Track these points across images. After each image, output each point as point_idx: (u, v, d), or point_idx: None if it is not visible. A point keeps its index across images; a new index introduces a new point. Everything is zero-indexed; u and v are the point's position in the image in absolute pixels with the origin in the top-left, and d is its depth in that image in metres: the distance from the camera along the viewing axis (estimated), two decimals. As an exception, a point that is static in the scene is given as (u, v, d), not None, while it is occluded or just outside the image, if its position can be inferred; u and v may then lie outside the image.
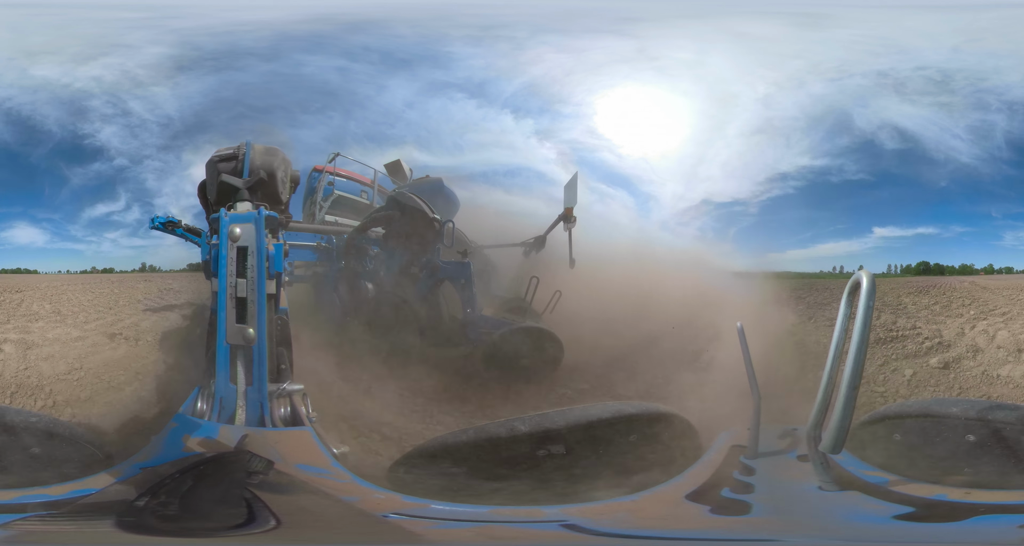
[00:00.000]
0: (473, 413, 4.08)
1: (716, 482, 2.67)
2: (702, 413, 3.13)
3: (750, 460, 2.81)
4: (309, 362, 4.06)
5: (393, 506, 2.59)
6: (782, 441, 2.89)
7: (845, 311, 2.71)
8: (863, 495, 2.61)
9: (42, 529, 2.45)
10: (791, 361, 4.08)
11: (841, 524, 2.51)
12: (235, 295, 2.94)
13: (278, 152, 3.49)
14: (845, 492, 2.63)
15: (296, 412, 3.01)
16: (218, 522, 2.47)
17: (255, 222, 3.03)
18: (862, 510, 2.56)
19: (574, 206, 4.65)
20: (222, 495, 2.56)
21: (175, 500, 2.51)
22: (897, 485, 2.66)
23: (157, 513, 2.46)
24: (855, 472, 2.72)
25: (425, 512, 2.58)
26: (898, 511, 2.54)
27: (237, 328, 2.92)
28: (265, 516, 2.49)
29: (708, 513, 2.55)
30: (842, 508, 2.57)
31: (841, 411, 2.48)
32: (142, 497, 2.51)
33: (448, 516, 2.58)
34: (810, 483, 2.65)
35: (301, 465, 2.71)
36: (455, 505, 2.62)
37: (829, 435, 2.55)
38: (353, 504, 2.60)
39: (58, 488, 2.65)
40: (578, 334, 4.41)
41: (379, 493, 2.65)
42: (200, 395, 3.03)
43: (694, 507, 2.54)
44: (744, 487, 2.67)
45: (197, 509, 2.51)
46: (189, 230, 3.61)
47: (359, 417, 3.97)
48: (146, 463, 2.72)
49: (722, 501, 2.60)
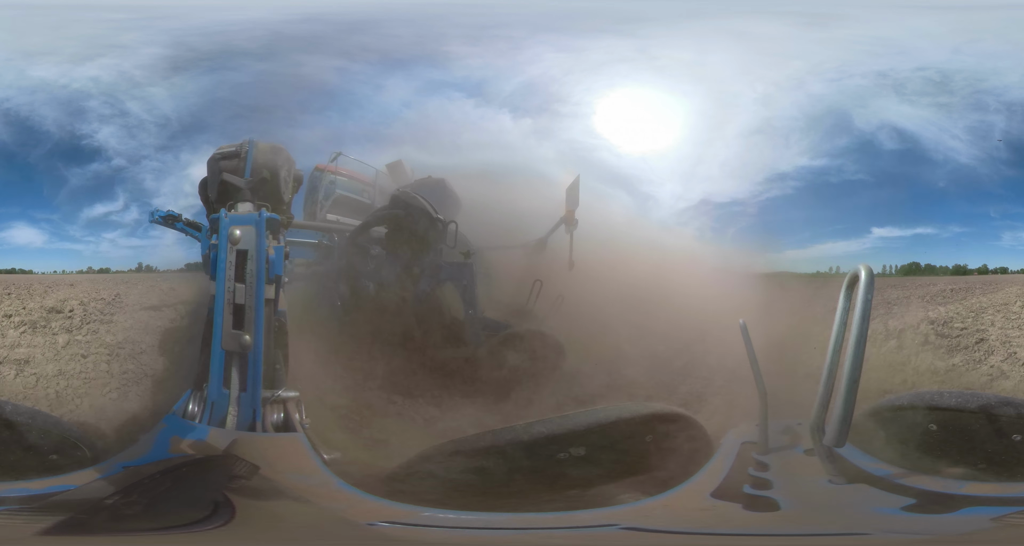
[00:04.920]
0: (473, 417, 4.08)
1: (736, 479, 2.68)
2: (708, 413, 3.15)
3: (761, 456, 2.81)
4: (307, 362, 4.06)
5: (381, 514, 2.58)
6: (787, 436, 2.90)
7: (844, 305, 2.69)
8: (871, 488, 2.62)
9: (8, 523, 2.46)
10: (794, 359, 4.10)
11: (855, 516, 2.53)
12: (233, 301, 2.89)
13: (282, 151, 3.46)
14: (854, 485, 2.64)
15: (289, 418, 2.98)
16: (174, 522, 2.45)
17: (256, 225, 2.99)
18: (873, 502, 2.58)
19: (575, 209, 4.65)
20: (193, 497, 2.54)
21: (144, 500, 2.50)
22: (901, 477, 2.69)
23: (119, 512, 2.45)
24: (860, 465, 2.72)
25: (414, 520, 2.56)
26: (905, 503, 2.56)
27: (233, 334, 2.87)
28: (225, 516, 2.48)
29: (741, 510, 2.56)
30: (853, 500, 2.59)
31: (843, 404, 2.49)
32: (113, 495, 2.50)
33: (441, 523, 2.57)
34: (820, 477, 2.67)
35: (288, 471, 2.70)
36: (449, 512, 2.61)
37: (832, 428, 2.56)
38: (335, 511, 2.59)
39: (38, 482, 2.66)
40: (580, 338, 4.42)
41: (366, 500, 2.64)
42: (192, 398, 2.99)
43: (723, 504, 2.56)
44: (762, 483, 2.68)
45: (162, 509, 2.49)
46: (189, 224, 3.57)
47: (353, 420, 3.97)
48: (130, 462, 2.71)
49: (747, 497, 2.61)
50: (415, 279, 4.58)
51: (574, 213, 4.65)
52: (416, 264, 4.56)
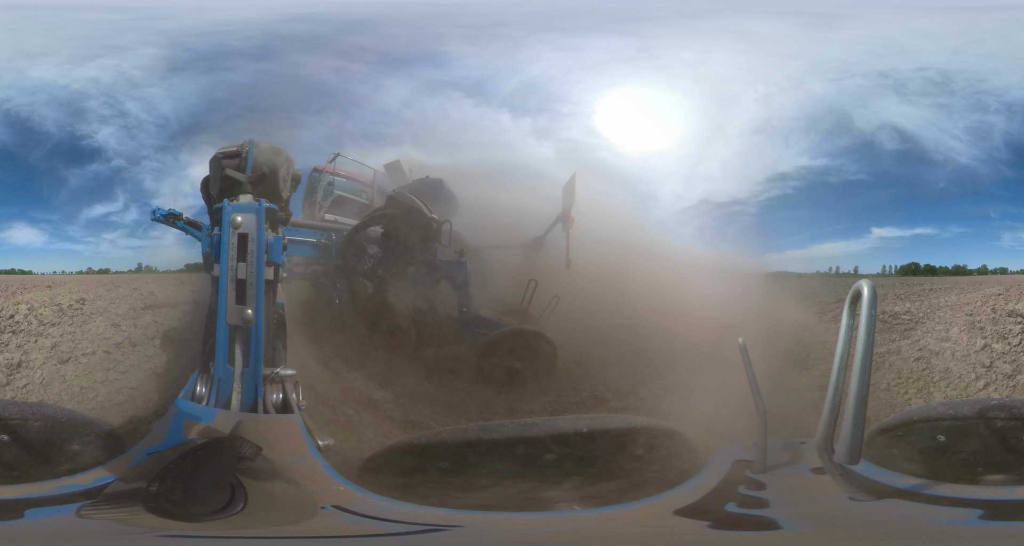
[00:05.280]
0: (461, 413, 4.11)
1: (718, 497, 2.64)
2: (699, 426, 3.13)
3: (758, 474, 2.75)
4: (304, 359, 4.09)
5: (343, 499, 2.61)
6: (787, 454, 2.87)
7: (848, 322, 2.65)
8: (905, 501, 2.60)
9: (103, 515, 2.52)
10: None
11: (895, 531, 2.49)
12: (235, 277, 3.08)
13: (281, 151, 3.56)
14: (884, 500, 2.58)
15: (287, 398, 3.15)
16: (210, 507, 2.51)
17: (256, 212, 3.15)
18: (912, 515, 2.55)
19: (572, 208, 4.65)
20: (215, 480, 2.63)
21: (179, 485, 2.61)
22: (933, 487, 2.62)
23: (167, 499, 2.54)
24: (880, 479, 2.69)
25: (368, 510, 2.58)
26: (974, 512, 2.50)
27: (237, 309, 3.07)
28: (241, 500, 2.55)
29: (706, 528, 2.53)
30: (889, 515, 2.55)
31: (853, 421, 2.46)
32: (152, 483, 2.61)
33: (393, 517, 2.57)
34: (834, 495, 2.62)
35: (285, 453, 2.79)
36: (407, 504, 2.61)
37: (843, 446, 2.50)
38: (313, 493, 2.63)
39: (84, 477, 2.73)
40: (573, 338, 4.43)
41: (341, 487, 2.68)
42: (199, 379, 3.18)
43: (686, 522, 2.53)
44: (756, 502, 2.66)
45: (196, 495, 2.59)
46: (190, 223, 3.65)
47: (344, 413, 4.01)
48: (152, 449, 2.82)
49: (725, 516, 2.58)
50: (410, 278, 4.60)
51: (571, 212, 4.65)
52: (411, 263, 4.58)
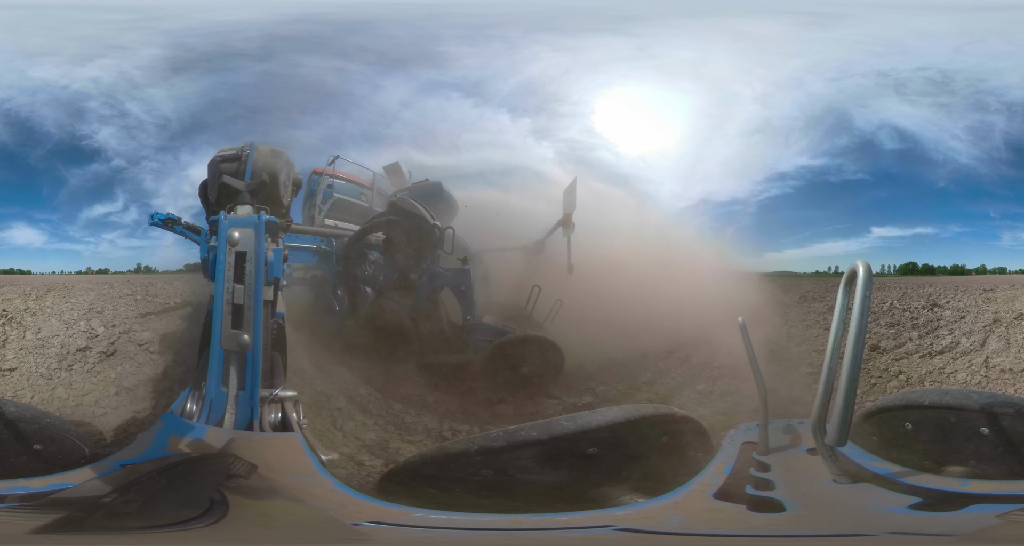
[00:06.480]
0: (472, 421, 4.10)
1: (737, 479, 2.64)
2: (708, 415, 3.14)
3: (762, 456, 2.77)
4: (306, 365, 4.09)
5: (372, 515, 2.59)
6: (788, 436, 2.88)
7: (842, 302, 2.61)
8: (875, 487, 2.61)
9: (8, 520, 2.49)
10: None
11: (861, 517, 2.51)
12: (232, 301, 2.91)
13: (282, 155, 3.45)
14: (858, 484, 2.62)
15: (287, 418, 3.00)
16: (168, 520, 2.48)
17: (255, 227, 3.00)
18: (878, 501, 2.57)
19: (573, 212, 4.64)
20: (188, 495, 2.56)
21: (140, 498, 2.53)
22: (903, 476, 2.65)
23: (116, 510, 2.49)
24: (863, 463, 2.71)
25: (405, 520, 2.56)
26: (911, 501, 2.54)
27: (232, 333, 2.89)
28: (218, 514, 2.50)
29: (745, 511, 2.54)
30: (859, 500, 2.57)
31: (843, 402, 2.45)
32: (111, 493, 2.52)
33: (431, 524, 2.57)
34: (823, 477, 2.64)
35: (284, 471, 2.71)
36: (440, 513, 2.61)
37: (833, 428, 2.53)
38: (326, 511, 2.60)
39: (39, 481, 2.66)
40: (579, 341, 4.41)
41: (359, 501, 2.66)
42: (191, 396, 3.02)
43: (723, 506, 2.54)
44: (764, 484, 2.65)
45: (157, 507, 2.52)
46: (188, 227, 3.59)
47: (349, 423, 4.00)
48: (128, 460, 2.71)
49: (748, 498, 2.58)
50: (413, 285, 4.57)
51: (571, 216, 4.65)
52: (414, 270, 4.55)
